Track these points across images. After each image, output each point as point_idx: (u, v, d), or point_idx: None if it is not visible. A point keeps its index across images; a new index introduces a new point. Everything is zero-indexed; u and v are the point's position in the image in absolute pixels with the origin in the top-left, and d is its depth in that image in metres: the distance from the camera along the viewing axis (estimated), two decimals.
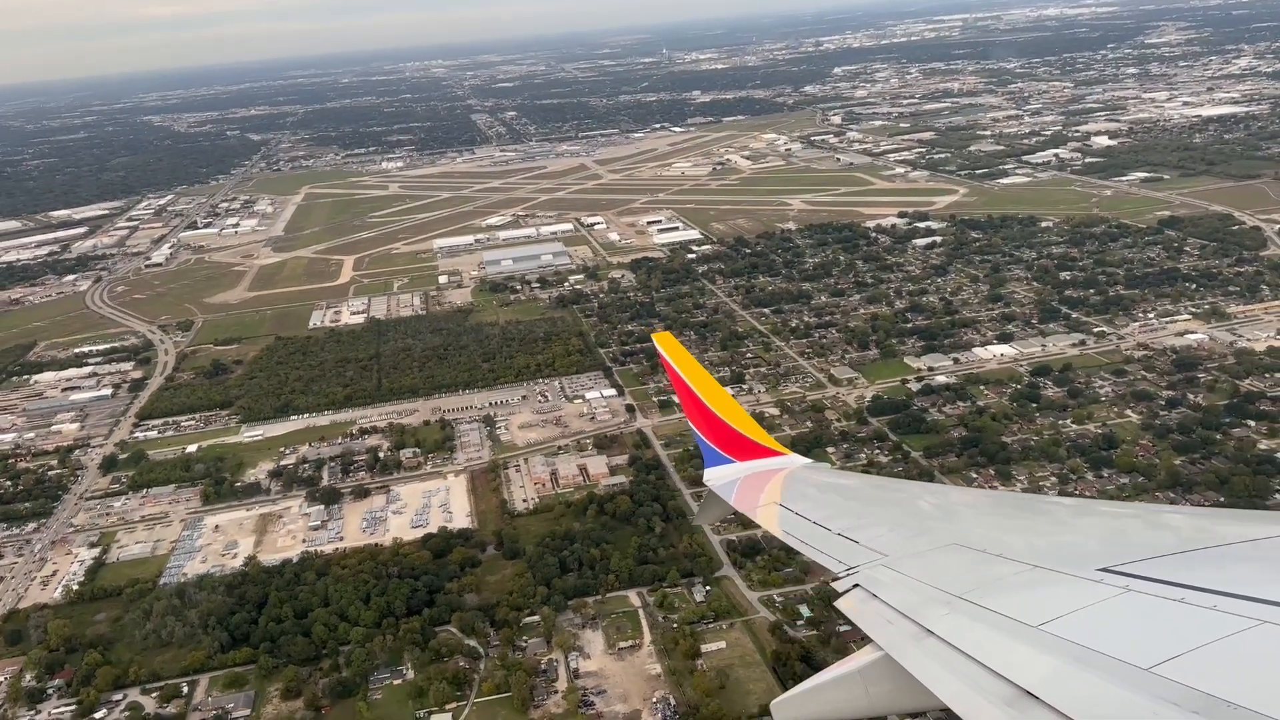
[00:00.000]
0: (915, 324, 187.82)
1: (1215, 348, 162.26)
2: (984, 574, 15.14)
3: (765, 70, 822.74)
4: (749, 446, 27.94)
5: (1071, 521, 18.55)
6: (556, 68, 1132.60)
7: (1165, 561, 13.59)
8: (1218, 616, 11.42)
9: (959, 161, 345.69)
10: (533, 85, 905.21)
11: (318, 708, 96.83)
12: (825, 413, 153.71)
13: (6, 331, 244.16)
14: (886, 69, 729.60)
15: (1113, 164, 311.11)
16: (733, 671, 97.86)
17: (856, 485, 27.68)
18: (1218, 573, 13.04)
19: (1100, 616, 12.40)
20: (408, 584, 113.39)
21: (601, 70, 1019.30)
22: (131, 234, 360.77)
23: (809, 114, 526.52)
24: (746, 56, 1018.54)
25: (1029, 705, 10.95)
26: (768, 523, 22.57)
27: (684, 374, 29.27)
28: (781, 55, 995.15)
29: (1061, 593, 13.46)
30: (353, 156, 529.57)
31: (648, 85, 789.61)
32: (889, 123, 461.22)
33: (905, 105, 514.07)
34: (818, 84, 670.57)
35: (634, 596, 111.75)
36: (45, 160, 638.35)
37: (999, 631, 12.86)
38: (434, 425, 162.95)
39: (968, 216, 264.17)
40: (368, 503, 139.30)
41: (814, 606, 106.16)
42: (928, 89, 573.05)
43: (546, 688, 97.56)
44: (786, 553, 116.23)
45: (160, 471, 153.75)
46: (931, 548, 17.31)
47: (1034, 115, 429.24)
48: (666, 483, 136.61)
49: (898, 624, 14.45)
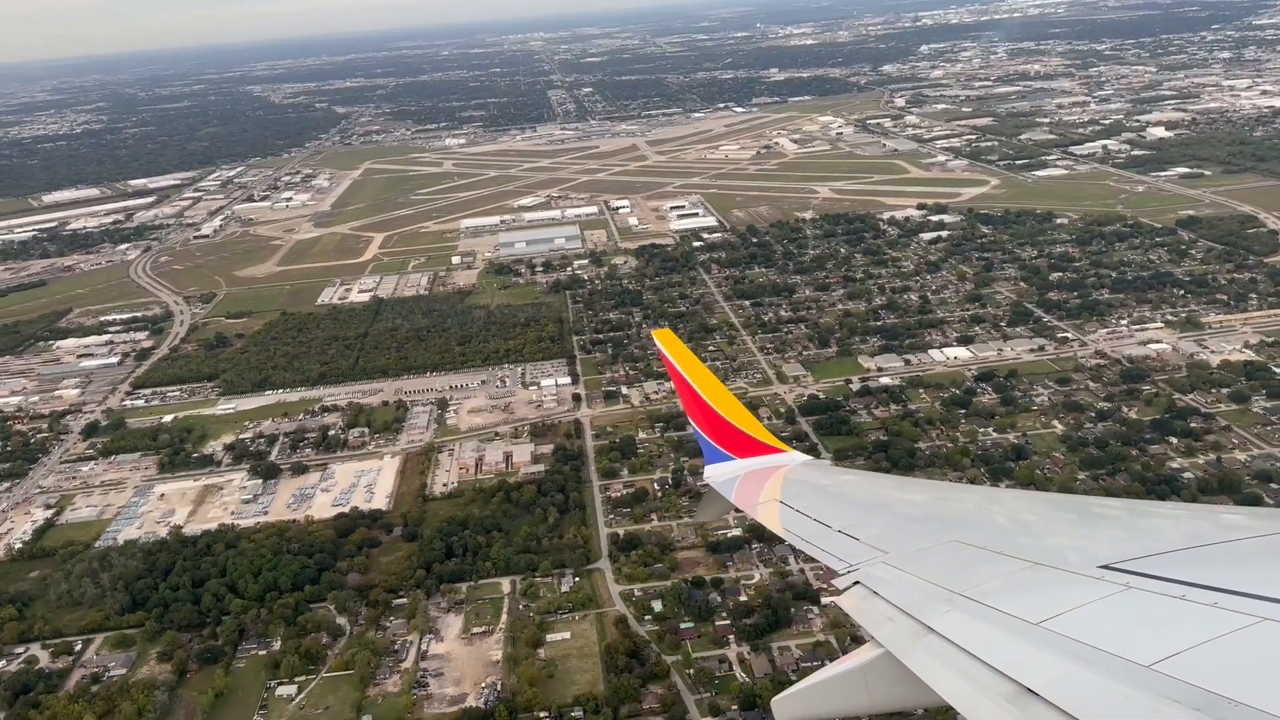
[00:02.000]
0: (886, 322, 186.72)
1: (1173, 359, 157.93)
2: (984, 571, 15.22)
3: (852, 47, 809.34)
4: (749, 443, 27.84)
5: (1072, 519, 18.63)
6: (649, 42, 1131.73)
7: (1166, 559, 13.71)
8: (1218, 614, 11.44)
9: (1004, 151, 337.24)
10: (620, 60, 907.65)
11: (184, 672, 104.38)
12: (759, 410, 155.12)
13: (50, 297, 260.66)
14: (974, 48, 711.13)
15: (1158, 157, 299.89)
16: (566, 662, 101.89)
17: (857, 482, 27.36)
18: (1218, 570, 13.04)
19: (1101, 614, 12.51)
20: (299, 561, 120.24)
21: (691, 45, 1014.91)
22: (193, 205, 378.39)
23: (876, 95, 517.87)
24: (840, 32, 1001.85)
25: (1030, 702, 11.03)
26: (768, 520, 22.58)
27: (684, 370, 29.35)
28: (875, 31, 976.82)
29: (1062, 590, 13.58)
30: (423, 132, 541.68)
31: (731, 61, 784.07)
32: (952, 106, 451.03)
33: (977, 88, 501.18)
34: (898, 63, 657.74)
35: (506, 584, 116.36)
36: (144, 128, 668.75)
37: (1000, 629, 13.03)
38: (392, 406, 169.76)
39: (986, 210, 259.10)
40: (302, 479, 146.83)
41: (666, 603, 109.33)
42: (1007, 70, 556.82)
43: (393, 667, 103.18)
44: (660, 549, 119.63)
45: (131, 439, 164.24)
46: (932, 545, 17.38)
47: (1101, 102, 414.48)
48: (581, 474, 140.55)
49: (898, 621, 14.59)
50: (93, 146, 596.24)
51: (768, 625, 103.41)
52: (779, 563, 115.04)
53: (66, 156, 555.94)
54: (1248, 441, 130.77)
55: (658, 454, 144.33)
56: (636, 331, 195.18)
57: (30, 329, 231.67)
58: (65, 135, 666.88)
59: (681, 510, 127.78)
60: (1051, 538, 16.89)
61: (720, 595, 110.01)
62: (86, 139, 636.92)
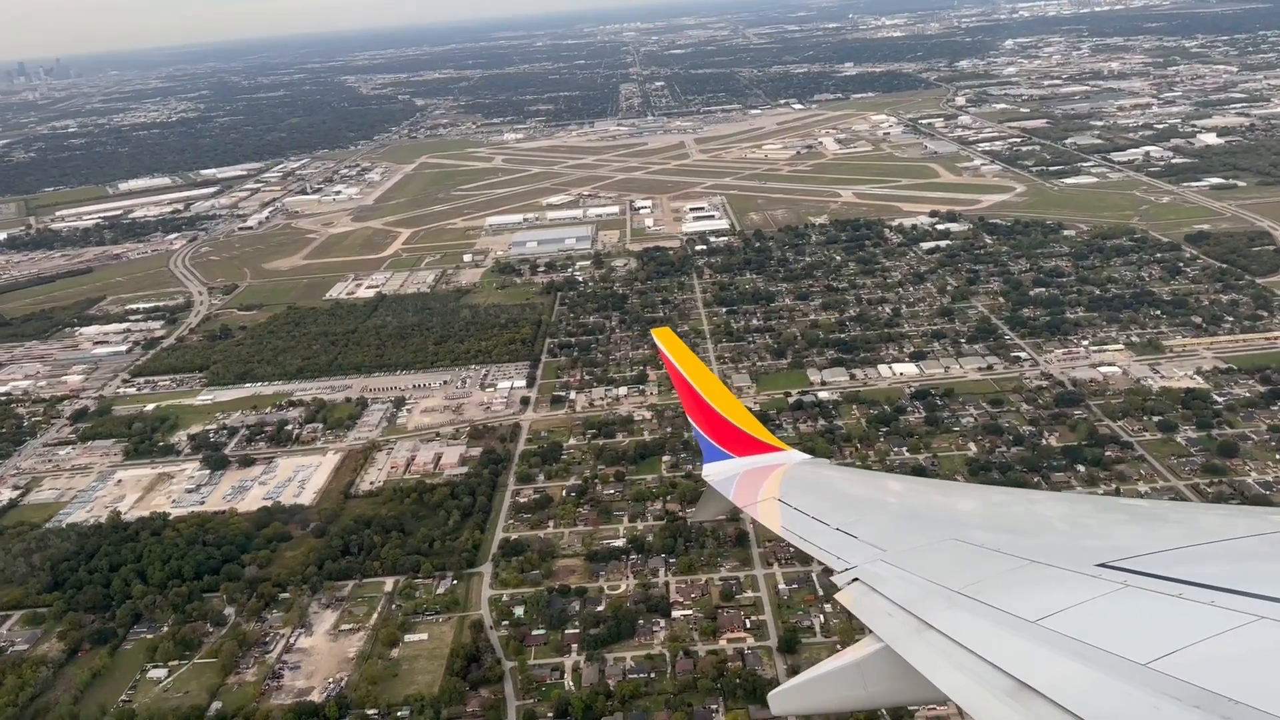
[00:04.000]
0: (848, 335, 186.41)
1: (1119, 383, 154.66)
2: (982, 569, 15.24)
3: (936, 41, 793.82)
4: (748, 442, 27.93)
5: (1069, 517, 18.75)
6: (738, 33, 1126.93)
7: (1163, 557, 13.73)
8: (1215, 612, 11.47)
9: (1042, 156, 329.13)
10: (703, 53, 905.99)
11: (75, 650, 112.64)
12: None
13: (90, 285, 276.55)
14: (1060, 42, 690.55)
15: (1196, 166, 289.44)
16: (414, 662, 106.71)
17: (855, 480, 27.72)
18: (1215, 568, 13.05)
19: (1098, 612, 12.52)
20: (205, 551, 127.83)
21: (778, 37, 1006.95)
22: (250, 196, 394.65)
23: (941, 93, 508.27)
24: (931, 24, 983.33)
25: (1031, 698, 11.03)
26: (767, 518, 22.67)
27: (683, 369, 29.48)
28: (967, 22, 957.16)
29: (1060, 588, 13.60)
30: (487, 126, 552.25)
31: (812, 54, 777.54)
32: (1012, 106, 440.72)
33: (1044, 87, 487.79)
34: (976, 58, 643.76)
35: (389, 584, 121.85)
36: (234, 118, 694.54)
37: (998, 626, 13.07)
38: (353, 403, 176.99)
39: (998, 219, 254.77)
40: (246, 472, 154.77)
41: (527, 609, 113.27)
42: (1082, 69, 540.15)
43: (258, 658, 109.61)
44: (541, 556, 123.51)
45: (109, 426, 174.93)
46: (930, 543, 17.46)
47: (1164, 105, 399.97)
48: (500, 477, 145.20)
49: (897, 617, 14.62)
50: (182, 135, 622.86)
51: (610, 636, 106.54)
52: (649, 574, 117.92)
53: (154, 145, 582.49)
54: (1156, 473, 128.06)
55: (579, 461, 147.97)
56: (607, 337, 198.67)
57: (63, 315, 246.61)
58: (160, 124, 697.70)
59: (578, 519, 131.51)
60: (1049, 536, 17.14)
61: (580, 604, 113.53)
62: (179, 127, 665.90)
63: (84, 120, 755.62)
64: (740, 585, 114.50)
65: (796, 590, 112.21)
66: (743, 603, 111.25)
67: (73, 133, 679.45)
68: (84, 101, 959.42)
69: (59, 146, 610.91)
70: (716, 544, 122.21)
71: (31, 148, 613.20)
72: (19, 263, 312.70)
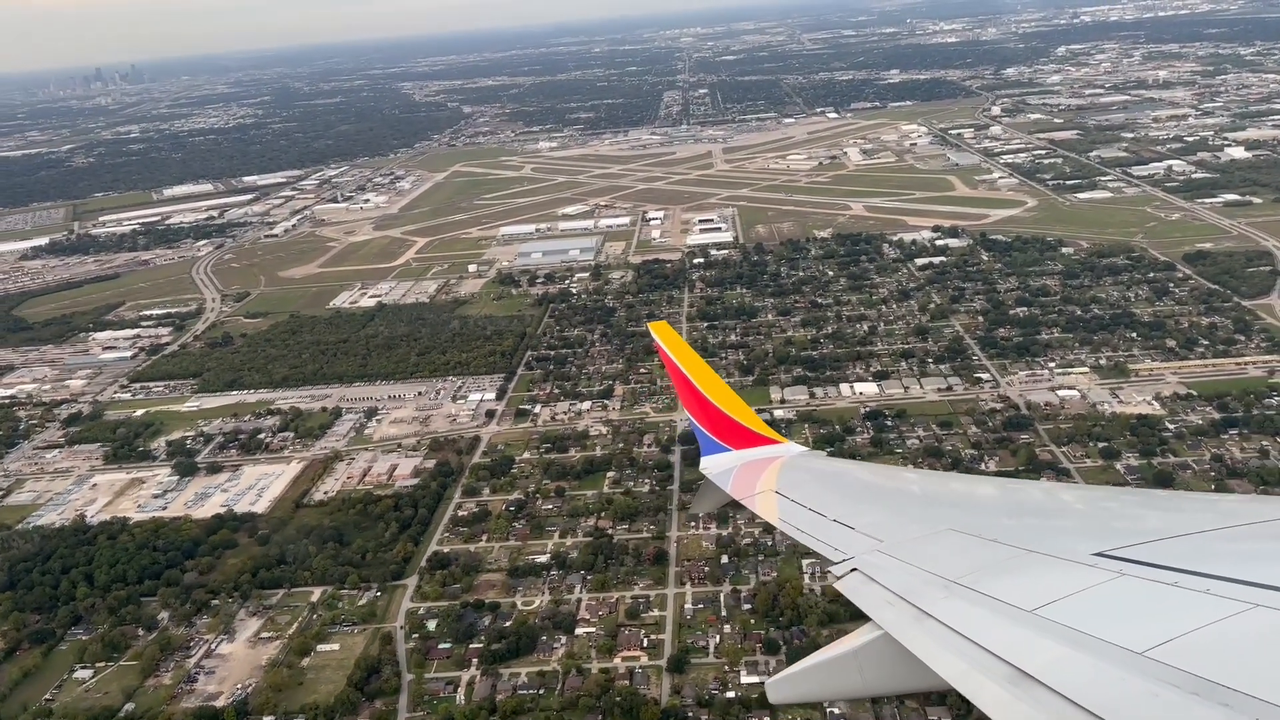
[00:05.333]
0: (817, 353, 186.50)
1: (1075, 407, 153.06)
2: (979, 559, 15.26)
3: (989, 46, 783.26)
4: (745, 434, 28.02)
5: (1065, 507, 18.84)
6: (794, 39, 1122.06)
7: (1159, 546, 13.70)
8: (1211, 600, 11.47)
9: (1061, 169, 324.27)
10: (754, 59, 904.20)
11: (14, 649, 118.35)
12: (644, 436, 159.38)
13: (114, 290, 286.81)
14: (1113, 49, 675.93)
15: (1216, 181, 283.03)
16: (320, 671, 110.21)
17: (852, 472, 27.82)
18: (1211, 557, 13.07)
19: (1095, 601, 12.54)
20: (150, 555, 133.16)
21: (832, 43, 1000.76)
22: (284, 204, 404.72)
23: (979, 102, 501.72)
24: (989, 29, 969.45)
25: (1031, 685, 11.04)
26: (765, 510, 22.78)
27: (680, 362, 29.53)
28: (1025, 27, 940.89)
29: (1056, 577, 13.58)
30: (525, 134, 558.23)
31: (862, 60, 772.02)
32: (1046, 116, 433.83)
33: (1086, 96, 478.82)
34: (1024, 65, 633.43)
35: (317, 594, 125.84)
36: (287, 124, 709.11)
37: (996, 615, 13.08)
38: (328, 413, 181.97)
39: (1000, 235, 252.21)
40: (211, 479, 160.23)
41: (439, 623, 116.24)
42: (1129, 76, 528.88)
43: (179, 663, 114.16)
44: (464, 570, 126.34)
45: (96, 431, 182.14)
46: (927, 533, 17.47)
47: (1201, 116, 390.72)
48: (449, 491, 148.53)
49: (896, 606, 14.66)
50: (235, 141, 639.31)
51: (509, 651, 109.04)
52: (564, 591, 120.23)
53: (206, 151, 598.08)
54: None
55: (526, 475, 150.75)
56: (586, 350, 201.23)
57: (81, 320, 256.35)
58: (218, 129, 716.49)
59: (510, 533, 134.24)
60: (1045, 525, 17.31)
61: (492, 619, 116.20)
62: (233, 133, 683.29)
63: (146, 126, 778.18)
64: (649, 604, 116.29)
65: (701, 610, 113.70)
66: (646, 621, 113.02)
67: (134, 138, 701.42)
68: (151, 107, 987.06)
69: (118, 152, 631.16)
70: (635, 562, 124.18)
71: (92, 153, 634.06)
72: (54, 267, 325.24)
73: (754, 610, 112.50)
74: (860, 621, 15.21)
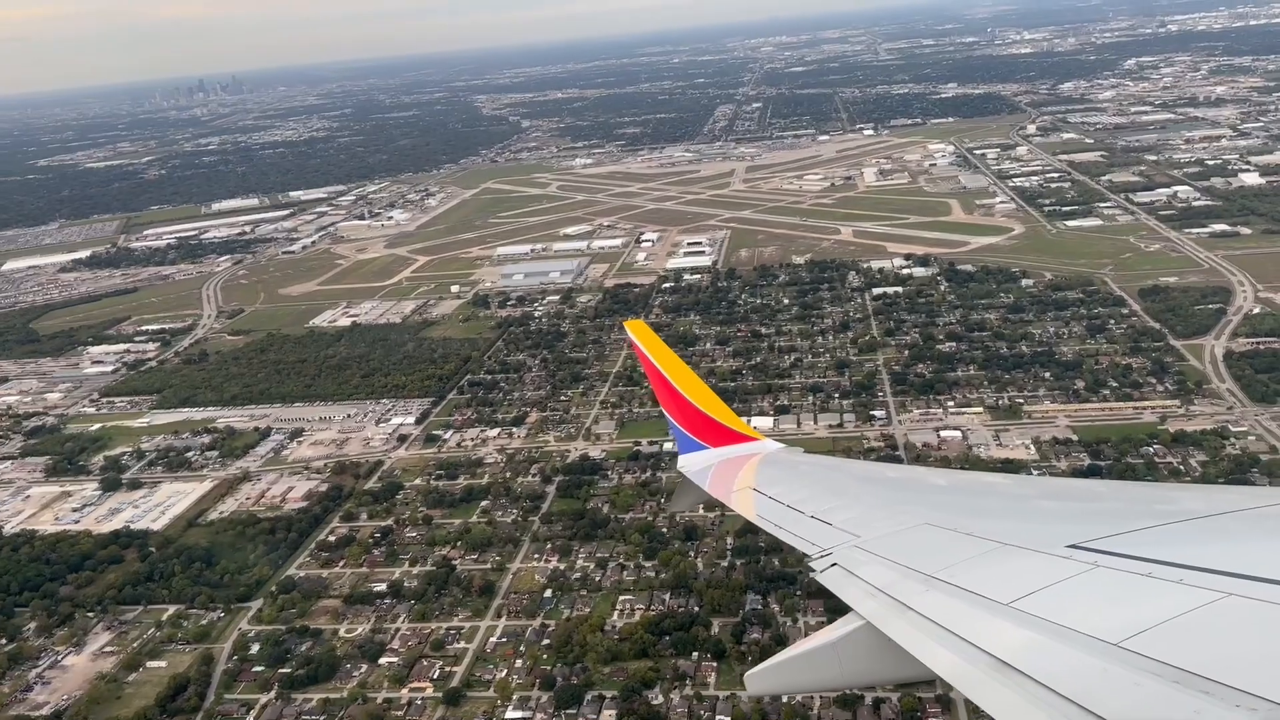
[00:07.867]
0: (732, 384, 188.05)
1: (950, 449, 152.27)
2: (955, 553, 15.30)
3: (1060, 57, 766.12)
4: (722, 432, 28.06)
5: (1040, 500, 18.97)
6: (871, 49, 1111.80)
7: (1132, 537, 13.83)
8: (1184, 590, 11.58)
9: (1065, 194, 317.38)
10: (825, 69, 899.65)
11: None
12: (532, 465, 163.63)
13: (126, 305, 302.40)
14: (1184, 61, 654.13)
15: (1214, 210, 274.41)
16: (140, 688, 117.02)
17: (829, 467, 27.94)
18: (1184, 547, 13.20)
19: (1069, 592, 12.61)
20: (35, 568, 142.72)
21: (908, 53, 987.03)
22: (315, 220, 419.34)
23: (1020, 119, 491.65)
24: (1070, 38, 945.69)
25: (1016, 675, 11.16)
26: (742, 507, 22.77)
27: (656, 360, 29.57)
28: (1106, 37, 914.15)
29: (1031, 570, 13.67)
30: (569, 150, 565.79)
31: (928, 72, 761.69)
32: (1078, 136, 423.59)
33: (1131, 113, 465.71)
34: (1085, 79, 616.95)
35: (171, 611, 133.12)
36: (354, 138, 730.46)
37: (973, 608, 13.17)
38: (259, 433, 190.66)
39: (968, 264, 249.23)
40: (130, 495, 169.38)
41: (263, 646, 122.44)
42: (1183, 93, 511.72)
43: (23, 672, 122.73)
44: (305, 595, 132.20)
45: (47, 444, 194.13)
46: (903, 528, 17.58)
47: (1234, 138, 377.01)
48: (330, 515, 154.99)
49: (878, 599, 14.77)
50: (299, 155, 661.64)
51: (309, 678, 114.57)
52: (389, 620, 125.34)
53: (268, 165, 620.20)
54: None
55: (408, 502, 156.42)
56: (520, 376, 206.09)
57: (84, 334, 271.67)
58: (288, 143, 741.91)
59: (364, 560, 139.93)
60: (1020, 518, 17.48)
61: (311, 645, 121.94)
62: (300, 147, 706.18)
63: (225, 138, 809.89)
64: (459, 635, 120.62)
65: (502, 644, 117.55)
66: (448, 653, 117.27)
67: (210, 150, 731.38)
68: (240, 118, 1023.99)
69: (189, 164, 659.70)
70: (464, 593, 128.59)
71: (166, 165, 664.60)
72: (85, 280, 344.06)
73: (551, 646, 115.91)
74: (832, 618, 15.93)
